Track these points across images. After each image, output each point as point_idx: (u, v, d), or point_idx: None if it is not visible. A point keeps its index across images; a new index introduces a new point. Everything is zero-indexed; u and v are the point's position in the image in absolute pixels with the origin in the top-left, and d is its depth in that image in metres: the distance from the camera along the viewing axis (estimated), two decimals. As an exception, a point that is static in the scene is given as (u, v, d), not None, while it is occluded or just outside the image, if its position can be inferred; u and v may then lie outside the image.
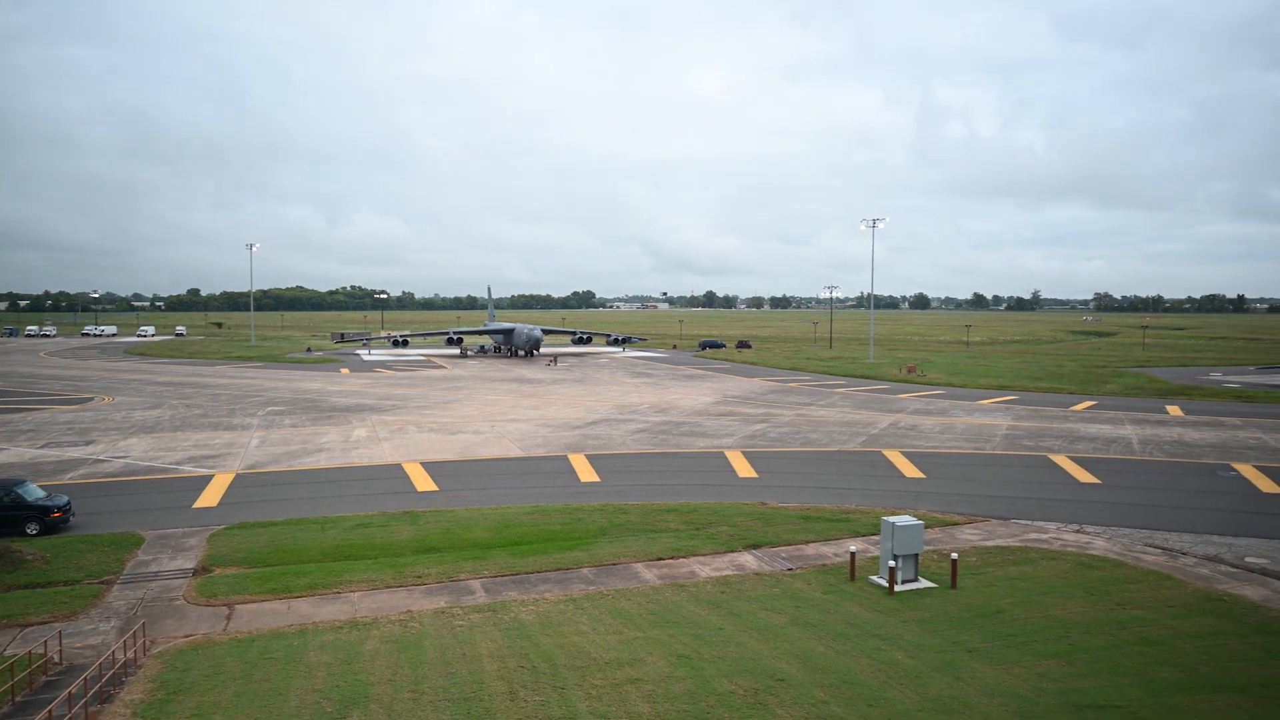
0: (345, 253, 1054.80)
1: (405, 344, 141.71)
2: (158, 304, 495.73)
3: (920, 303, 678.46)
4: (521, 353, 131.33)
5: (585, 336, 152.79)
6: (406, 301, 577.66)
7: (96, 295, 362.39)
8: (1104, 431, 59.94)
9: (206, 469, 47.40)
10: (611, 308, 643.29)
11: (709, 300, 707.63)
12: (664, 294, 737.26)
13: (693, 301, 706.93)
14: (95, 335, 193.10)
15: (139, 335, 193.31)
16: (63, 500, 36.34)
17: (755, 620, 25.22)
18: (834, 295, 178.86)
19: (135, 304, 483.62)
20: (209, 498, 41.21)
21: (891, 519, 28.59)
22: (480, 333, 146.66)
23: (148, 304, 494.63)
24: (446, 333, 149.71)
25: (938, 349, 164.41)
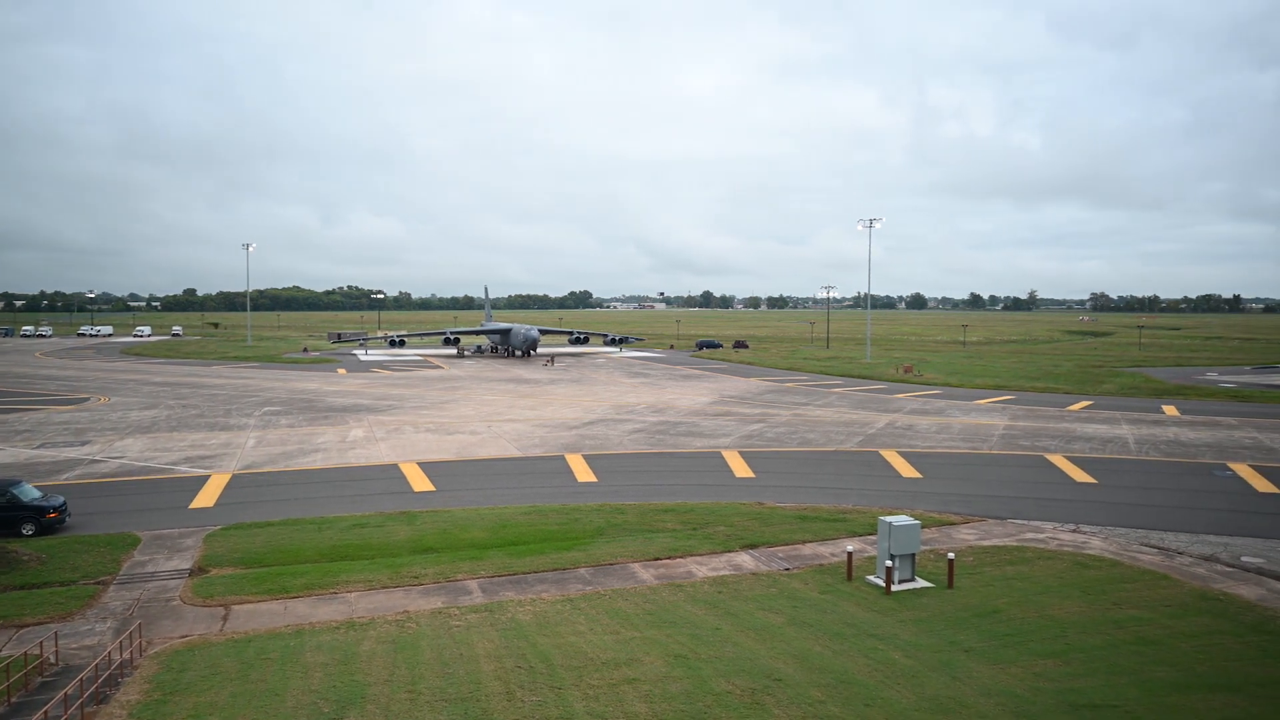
0: (342, 253, 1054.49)
1: (402, 344, 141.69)
2: (154, 304, 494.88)
3: (917, 303, 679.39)
4: (518, 353, 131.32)
5: (582, 336, 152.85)
6: (403, 301, 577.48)
7: (92, 295, 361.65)
8: (1100, 431, 60.06)
9: (203, 469, 47.34)
10: (608, 308, 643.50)
11: (706, 300, 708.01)
12: (661, 294, 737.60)
13: (690, 301, 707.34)
14: (91, 335, 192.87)
15: (135, 335, 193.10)
16: (58, 501, 36.29)
17: (752, 620, 25.23)
18: (831, 295, 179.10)
19: (131, 304, 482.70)
20: (205, 498, 41.16)
21: (888, 519, 28.62)
22: (477, 333, 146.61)
23: (144, 304, 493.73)
24: (443, 333, 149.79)
25: (934, 349, 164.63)
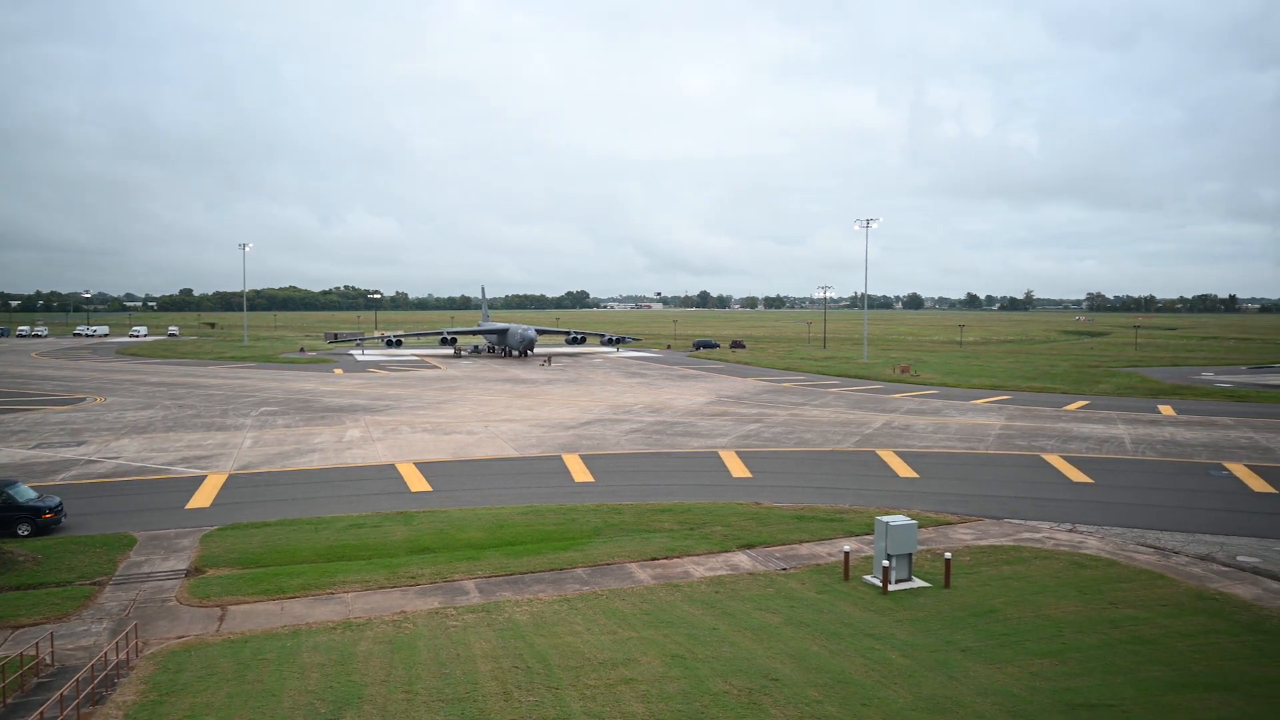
0: (339, 253, 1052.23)
1: (399, 344, 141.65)
2: (150, 304, 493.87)
3: (914, 303, 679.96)
4: (515, 353, 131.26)
5: (579, 336, 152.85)
6: (400, 302, 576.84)
7: (89, 295, 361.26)
8: (1097, 431, 60.16)
9: (199, 470, 47.27)
10: (606, 308, 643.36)
11: (703, 300, 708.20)
12: (658, 294, 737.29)
13: (687, 301, 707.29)
14: (87, 335, 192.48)
15: (131, 335, 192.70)
16: (54, 501, 36.23)
17: (749, 620, 25.24)
18: (828, 295, 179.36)
19: (128, 304, 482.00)
20: (202, 498, 41.10)
21: (885, 519, 28.65)
22: (474, 333, 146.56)
23: (140, 304, 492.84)
24: (440, 333, 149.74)
25: (931, 349, 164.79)
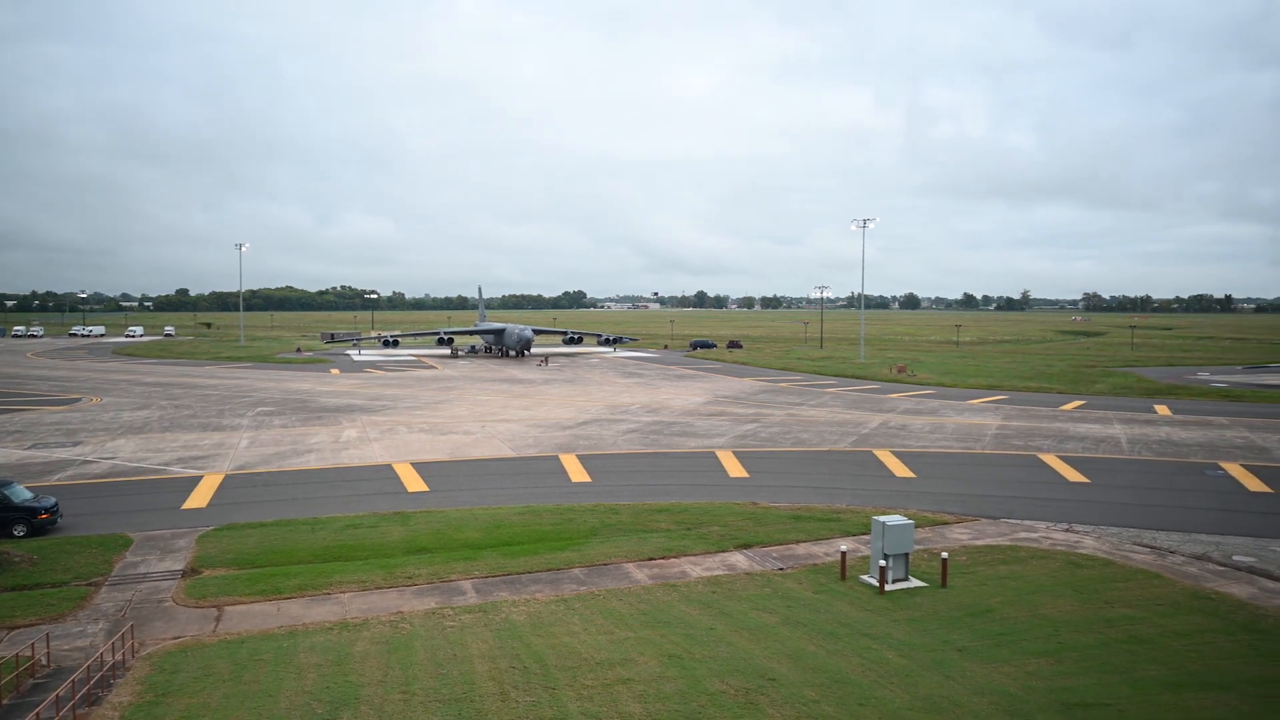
0: (335, 253, 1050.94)
1: (396, 344, 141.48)
2: (146, 304, 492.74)
3: (910, 303, 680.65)
4: (512, 353, 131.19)
5: (576, 336, 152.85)
6: (397, 302, 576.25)
7: (84, 295, 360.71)
8: (1093, 431, 60.26)
9: (195, 470, 47.19)
10: (602, 308, 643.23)
11: (700, 300, 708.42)
12: (655, 294, 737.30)
13: (684, 301, 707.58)
14: (83, 335, 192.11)
15: (127, 335, 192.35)
16: (50, 502, 36.14)
17: (746, 620, 25.26)
18: (825, 295, 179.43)
19: (124, 304, 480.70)
20: (198, 499, 41.03)
21: (882, 518, 28.68)
22: (471, 333, 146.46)
23: (136, 304, 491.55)
24: (437, 333, 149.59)
25: (928, 349, 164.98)
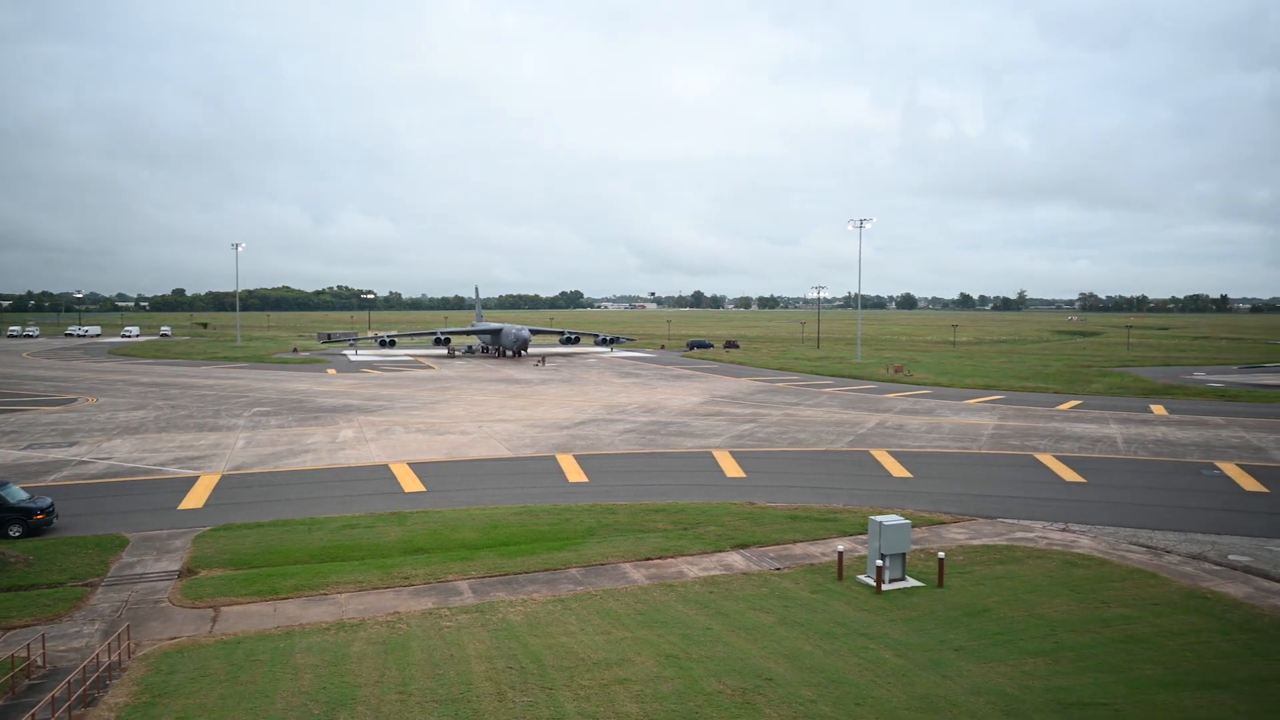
0: (332, 253, 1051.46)
1: (392, 344, 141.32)
2: (142, 304, 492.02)
3: (907, 303, 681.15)
4: (509, 353, 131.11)
5: (573, 336, 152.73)
6: (394, 302, 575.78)
7: (80, 295, 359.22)
8: (1089, 431, 60.35)
9: (192, 470, 47.11)
10: (599, 308, 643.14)
11: (697, 300, 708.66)
12: (652, 294, 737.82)
13: (680, 301, 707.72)
14: (79, 336, 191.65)
15: (123, 336, 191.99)
16: (46, 502, 36.05)
17: (743, 620, 25.27)
18: (821, 295, 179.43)
19: (120, 304, 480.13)
20: (194, 499, 40.96)
21: (879, 518, 28.70)
22: (468, 333, 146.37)
23: (132, 304, 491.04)
24: (434, 333, 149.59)
25: (924, 349, 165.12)
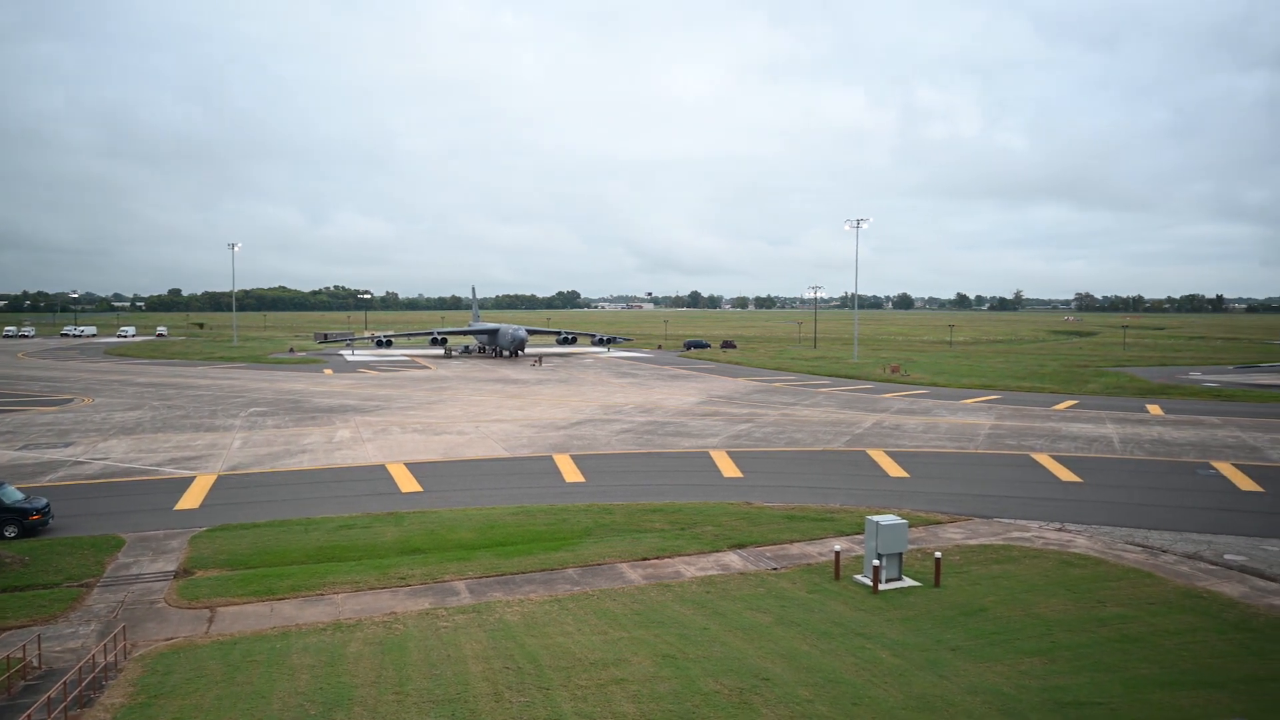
0: (329, 252, 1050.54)
1: (389, 344, 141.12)
2: (138, 304, 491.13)
3: (904, 303, 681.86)
4: (506, 353, 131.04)
5: (570, 337, 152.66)
6: (390, 302, 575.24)
7: (76, 295, 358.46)
8: (1085, 430, 60.45)
9: (188, 470, 47.04)
10: (596, 308, 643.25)
11: (694, 300, 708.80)
12: (649, 294, 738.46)
13: (677, 302, 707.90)
14: (75, 336, 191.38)
15: (119, 336, 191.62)
16: (42, 503, 35.99)
17: (740, 620, 25.28)
18: (818, 295, 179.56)
19: (115, 304, 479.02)
20: (191, 499, 40.89)
21: (876, 518, 28.73)
22: (465, 333, 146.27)
23: (128, 304, 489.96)
24: (431, 333, 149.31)
25: (921, 349, 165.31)
